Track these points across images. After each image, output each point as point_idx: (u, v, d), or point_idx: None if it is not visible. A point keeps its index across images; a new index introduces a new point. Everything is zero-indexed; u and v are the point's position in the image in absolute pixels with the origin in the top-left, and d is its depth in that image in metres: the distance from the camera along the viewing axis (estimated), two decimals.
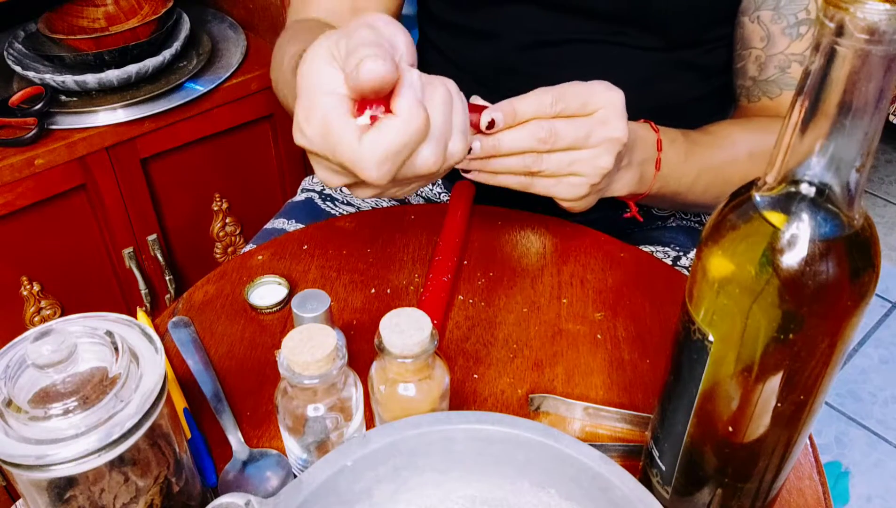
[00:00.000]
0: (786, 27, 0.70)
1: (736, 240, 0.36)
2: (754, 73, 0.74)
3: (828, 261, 0.34)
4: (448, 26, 0.80)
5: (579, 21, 0.72)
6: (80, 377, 0.39)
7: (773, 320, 0.35)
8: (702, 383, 0.40)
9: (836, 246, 0.34)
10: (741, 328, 0.36)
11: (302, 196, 0.85)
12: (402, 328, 0.44)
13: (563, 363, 0.60)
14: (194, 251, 1.25)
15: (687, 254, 0.78)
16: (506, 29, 0.75)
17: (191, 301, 0.66)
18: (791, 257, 0.34)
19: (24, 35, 1.11)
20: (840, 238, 0.34)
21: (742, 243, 0.36)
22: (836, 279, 0.34)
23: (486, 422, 0.43)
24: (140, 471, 0.42)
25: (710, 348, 0.38)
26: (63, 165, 1.01)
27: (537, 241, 0.71)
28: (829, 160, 0.33)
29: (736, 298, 0.36)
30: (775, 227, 0.34)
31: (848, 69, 0.30)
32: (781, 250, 0.34)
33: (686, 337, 0.40)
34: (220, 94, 1.11)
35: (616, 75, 0.74)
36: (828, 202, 0.34)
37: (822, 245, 0.34)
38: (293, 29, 0.74)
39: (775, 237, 0.34)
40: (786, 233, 0.34)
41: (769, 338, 0.36)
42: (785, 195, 0.34)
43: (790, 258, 0.34)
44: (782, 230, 0.34)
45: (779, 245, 0.34)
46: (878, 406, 1.48)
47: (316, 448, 0.46)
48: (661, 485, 0.45)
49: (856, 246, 0.34)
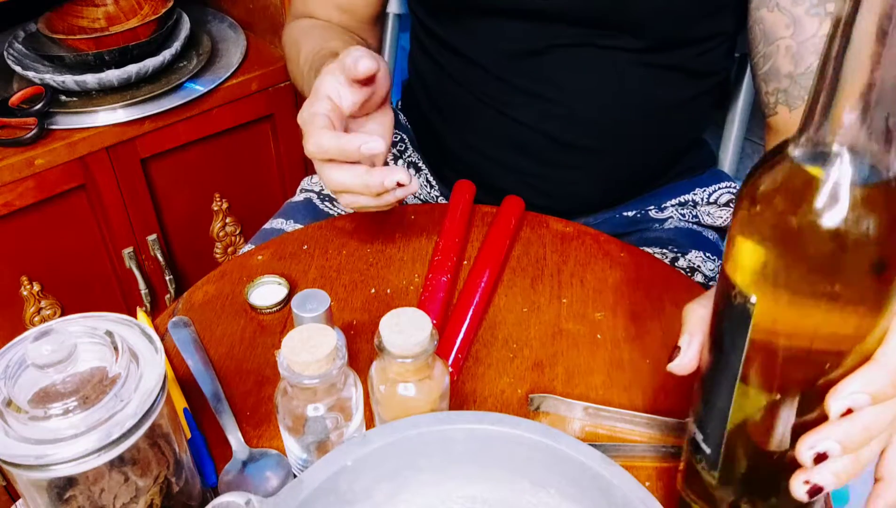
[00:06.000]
0: (809, 8, 0.65)
1: (774, 192, 0.36)
2: (789, 68, 0.66)
3: (869, 206, 0.34)
4: (435, 36, 0.81)
5: (560, 28, 0.72)
6: (80, 377, 0.39)
7: (816, 270, 0.35)
8: (745, 349, 0.39)
9: (876, 191, 0.34)
10: (784, 282, 0.36)
11: (301, 196, 0.85)
12: (402, 327, 0.44)
13: (563, 363, 0.60)
14: (194, 251, 1.25)
15: (686, 255, 0.78)
16: (487, 40, 0.75)
17: (191, 301, 0.66)
18: (831, 203, 0.34)
19: (24, 35, 1.11)
20: (879, 184, 0.34)
21: (780, 194, 0.36)
22: (879, 224, 0.34)
23: (486, 422, 0.43)
24: (140, 471, 0.42)
25: (752, 310, 0.38)
26: (63, 165, 1.01)
27: (537, 241, 0.71)
28: (863, 110, 0.33)
29: (777, 251, 0.36)
30: (813, 176, 0.34)
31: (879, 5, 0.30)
32: (821, 197, 0.34)
33: (727, 305, 0.39)
34: (220, 94, 1.11)
35: (603, 80, 0.75)
36: (865, 151, 0.34)
37: (862, 191, 0.34)
38: (300, 27, 0.84)
39: (814, 185, 0.34)
40: (825, 181, 0.34)
41: (813, 291, 0.35)
42: (822, 147, 0.34)
43: (831, 205, 0.34)
44: (821, 178, 0.34)
45: (819, 193, 0.34)
46: None
47: (316, 448, 0.46)
48: (707, 470, 0.44)
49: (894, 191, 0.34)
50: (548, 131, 0.77)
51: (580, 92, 0.75)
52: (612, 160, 0.79)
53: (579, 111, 0.75)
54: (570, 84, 0.74)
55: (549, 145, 0.77)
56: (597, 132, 0.76)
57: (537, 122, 0.76)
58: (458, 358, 0.59)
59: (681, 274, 0.68)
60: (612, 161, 0.79)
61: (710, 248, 0.81)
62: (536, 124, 0.77)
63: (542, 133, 0.77)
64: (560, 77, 0.74)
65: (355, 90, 0.60)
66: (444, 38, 0.79)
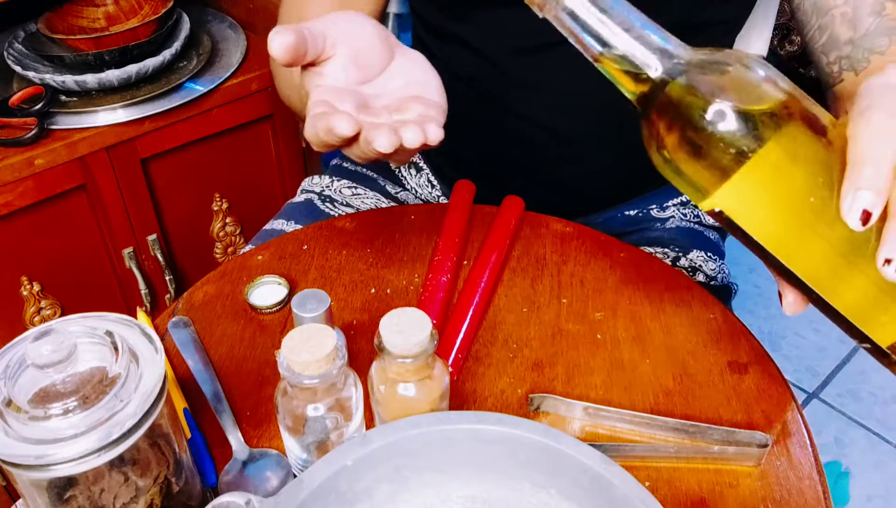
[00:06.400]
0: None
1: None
2: (849, 34, 0.65)
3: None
4: (437, 32, 0.80)
5: None
6: (80, 377, 0.39)
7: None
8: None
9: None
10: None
11: (301, 197, 0.85)
12: (402, 327, 0.44)
13: (563, 363, 0.60)
14: (194, 251, 1.25)
15: (687, 254, 0.78)
16: (494, 34, 0.75)
17: (191, 301, 0.66)
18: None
19: (24, 35, 1.11)
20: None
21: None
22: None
23: (486, 422, 0.43)
24: (140, 471, 0.42)
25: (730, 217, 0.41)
26: (63, 165, 1.01)
27: (537, 241, 0.71)
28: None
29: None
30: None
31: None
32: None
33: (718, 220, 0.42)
34: (220, 94, 1.11)
35: None
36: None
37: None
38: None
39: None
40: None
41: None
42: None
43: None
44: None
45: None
46: (878, 406, 1.48)
47: (316, 448, 0.46)
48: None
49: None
50: (551, 125, 0.76)
51: (585, 85, 0.74)
52: (616, 154, 0.79)
53: (584, 105, 0.75)
54: (575, 78, 0.74)
55: (552, 140, 0.77)
56: (600, 126, 0.76)
57: (540, 116, 0.76)
58: (458, 358, 0.59)
59: (681, 274, 0.68)
60: (616, 155, 0.79)
61: (712, 248, 0.82)
62: (540, 119, 0.76)
63: (546, 127, 0.77)
64: (565, 71, 0.74)
65: (322, 69, 0.51)
66: (448, 33, 0.79)
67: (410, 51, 0.56)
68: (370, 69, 0.53)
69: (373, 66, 0.53)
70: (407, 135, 0.46)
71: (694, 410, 0.56)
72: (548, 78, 0.75)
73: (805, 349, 1.58)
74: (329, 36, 0.50)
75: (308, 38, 0.49)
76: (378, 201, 0.85)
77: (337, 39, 0.51)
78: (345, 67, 0.51)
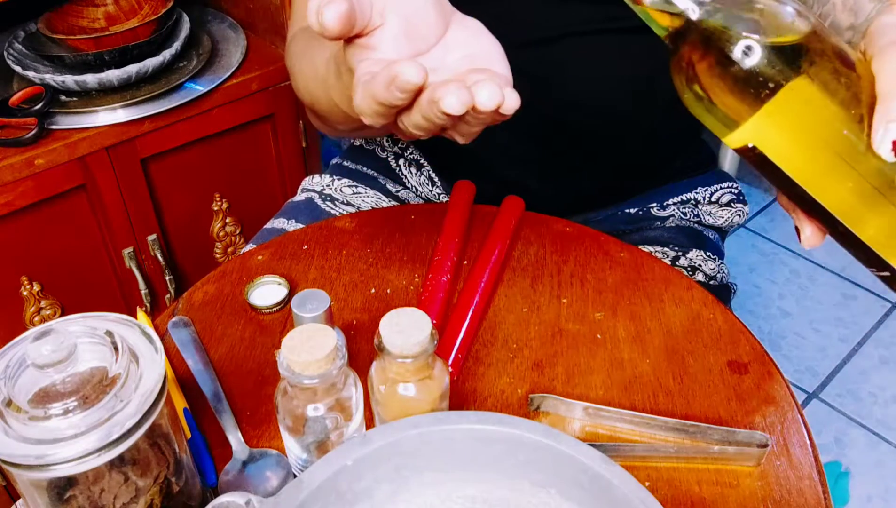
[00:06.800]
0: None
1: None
2: (850, 20, 0.65)
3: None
4: None
5: (574, 6, 0.70)
6: (80, 377, 0.39)
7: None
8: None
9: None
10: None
11: (302, 196, 0.85)
12: (402, 328, 0.44)
13: (563, 363, 0.60)
14: (194, 251, 1.25)
15: (687, 254, 0.78)
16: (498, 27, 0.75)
17: (191, 301, 0.66)
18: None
19: (24, 35, 1.11)
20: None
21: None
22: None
23: (486, 422, 0.43)
24: (140, 471, 0.42)
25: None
26: (63, 165, 1.01)
27: (537, 241, 0.71)
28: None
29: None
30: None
31: None
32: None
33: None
34: (220, 94, 1.11)
35: (612, 67, 0.74)
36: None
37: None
38: (308, 35, 0.68)
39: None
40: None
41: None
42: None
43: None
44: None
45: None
46: (878, 406, 1.48)
47: (316, 448, 0.46)
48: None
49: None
50: (554, 119, 0.76)
51: (589, 79, 0.74)
52: (621, 149, 0.79)
53: (588, 99, 0.74)
54: (580, 72, 0.74)
55: (556, 134, 0.77)
56: (604, 119, 0.76)
57: (544, 109, 0.76)
58: (458, 358, 0.59)
59: (681, 274, 0.68)
60: (618, 149, 0.79)
61: (711, 247, 0.81)
62: (545, 113, 0.76)
63: (548, 121, 0.76)
64: (571, 65, 0.74)
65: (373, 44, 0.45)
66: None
67: (468, 19, 0.49)
68: (424, 41, 0.47)
69: (426, 37, 0.47)
70: (482, 93, 0.40)
71: (694, 410, 0.56)
72: (554, 71, 0.75)
73: (805, 349, 1.58)
74: (377, 2, 0.45)
75: (355, 4, 0.43)
76: (379, 199, 0.85)
77: (385, 6, 0.45)
78: (395, 38, 0.45)
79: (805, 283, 1.72)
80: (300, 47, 0.67)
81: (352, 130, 0.73)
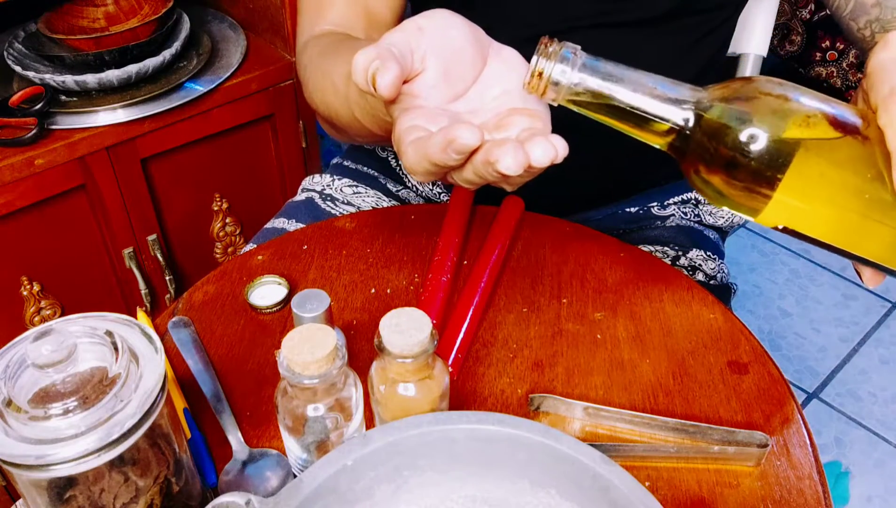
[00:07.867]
0: None
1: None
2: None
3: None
4: None
5: (576, 2, 0.70)
6: (80, 377, 0.39)
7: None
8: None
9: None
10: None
11: (302, 196, 0.85)
12: (402, 328, 0.44)
13: (563, 363, 0.60)
14: (194, 251, 1.25)
15: (687, 253, 0.78)
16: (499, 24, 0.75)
17: (191, 301, 0.66)
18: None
19: (24, 35, 1.11)
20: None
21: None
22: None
23: (486, 422, 0.43)
24: (140, 471, 0.42)
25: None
26: (63, 165, 1.01)
27: (537, 241, 0.71)
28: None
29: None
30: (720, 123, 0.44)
31: None
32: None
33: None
34: (220, 94, 1.11)
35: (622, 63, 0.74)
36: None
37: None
38: (320, 46, 0.67)
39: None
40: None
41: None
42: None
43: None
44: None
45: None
46: (878, 406, 1.48)
47: (316, 448, 0.46)
48: None
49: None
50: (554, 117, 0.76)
51: None
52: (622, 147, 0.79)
53: None
54: None
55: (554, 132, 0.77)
56: None
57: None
58: (458, 358, 0.59)
59: (681, 273, 0.68)
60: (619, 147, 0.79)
61: (711, 247, 0.81)
62: None
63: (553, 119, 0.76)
64: None
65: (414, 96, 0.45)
66: None
67: (504, 49, 0.48)
68: (462, 81, 0.46)
69: (465, 77, 0.46)
70: (536, 151, 0.40)
71: (694, 410, 0.56)
72: None
73: (805, 349, 1.58)
74: (417, 49, 0.44)
75: (399, 60, 0.42)
76: (379, 199, 0.85)
77: (427, 52, 0.44)
78: (436, 84, 0.45)
79: (805, 283, 1.72)
80: (313, 59, 0.66)
81: (372, 141, 0.72)
